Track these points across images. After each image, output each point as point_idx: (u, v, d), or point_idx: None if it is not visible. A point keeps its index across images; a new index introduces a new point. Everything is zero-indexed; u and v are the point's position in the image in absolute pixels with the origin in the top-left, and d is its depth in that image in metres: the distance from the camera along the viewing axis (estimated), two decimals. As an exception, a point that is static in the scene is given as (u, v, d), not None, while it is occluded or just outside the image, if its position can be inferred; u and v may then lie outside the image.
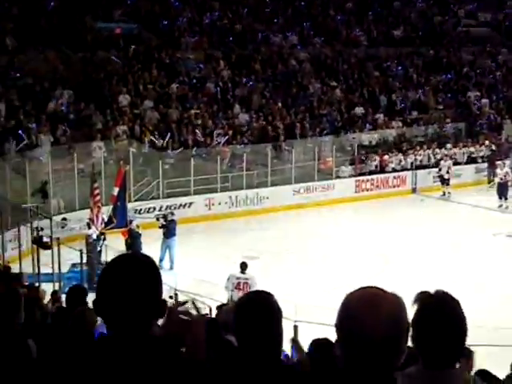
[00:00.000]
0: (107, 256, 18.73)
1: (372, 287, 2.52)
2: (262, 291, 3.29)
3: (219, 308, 8.93)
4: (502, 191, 28.39)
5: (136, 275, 2.62)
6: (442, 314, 2.86)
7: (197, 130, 28.70)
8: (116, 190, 20.40)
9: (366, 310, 2.40)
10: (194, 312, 3.07)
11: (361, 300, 2.45)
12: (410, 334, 2.66)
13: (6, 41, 28.95)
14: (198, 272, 19.80)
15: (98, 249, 19.72)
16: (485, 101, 36.31)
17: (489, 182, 31.05)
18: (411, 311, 2.83)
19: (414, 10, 41.02)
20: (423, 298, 2.94)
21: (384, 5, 39.99)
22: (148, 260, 2.72)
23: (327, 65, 35.21)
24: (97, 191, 20.25)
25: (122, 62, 30.68)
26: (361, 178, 30.16)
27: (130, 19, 32.71)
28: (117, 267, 2.65)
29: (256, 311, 3.09)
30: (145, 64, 30.89)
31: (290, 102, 32.11)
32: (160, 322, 2.85)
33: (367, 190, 30.11)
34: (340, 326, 2.46)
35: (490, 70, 39.01)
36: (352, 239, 23.65)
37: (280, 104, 31.56)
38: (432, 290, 2.98)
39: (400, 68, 36.88)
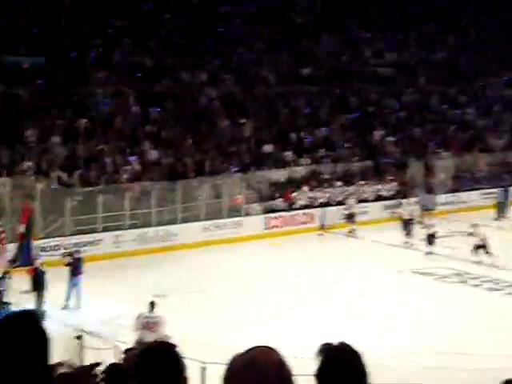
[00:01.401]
0: (12, 294, 18.33)
1: (258, 351, 2.51)
2: (164, 342, 3.27)
3: (126, 352, 8.79)
4: (407, 228, 28.97)
5: (15, 340, 2.43)
6: (344, 368, 2.88)
7: (107, 163, 28.47)
8: (22, 228, 20.01)
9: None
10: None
11: (242, 371, 2.45)
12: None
13: None
14: (105, 311, 19.53)
15: (1, 288, 19.24)
16: (390, 139, 37.18)
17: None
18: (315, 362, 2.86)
19: (322, 49, 41.73)
20: (326, 351, 2.96)
21: (293, 43, 40.59)
22: (33, 321, 2.52)
23: (237, 102, 35.47)
24: (0, 229, 19.81)
25: (30, 96, 30.24)
26: (270, 215, 30.35)
27: (36, 53, 32.22)
28: None
29: (157, 363, 3.06)
30: (53, 98, 30.49)
31: (199, 139, 32.18)
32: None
33: (276, 227, 30.31)
34: None
35: (394, 109, 40.00)
36: (261, 277, 23.70)
37: (190, 141, 31.59)
38: (335, 342, 2.99)
39: (308, 106, 37.43)
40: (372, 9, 45.73)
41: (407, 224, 29.04)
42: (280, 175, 32.38)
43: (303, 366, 3.64)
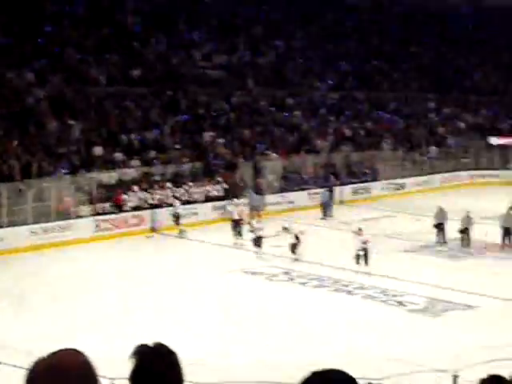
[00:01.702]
0: None
1: (62, 353, 2.59)
2: None
3: None
4: (236, 229, 29.44)
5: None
6: (160, 369, 2.95)
7: None
8: None
9: None
10: None
11: (44, 374, 2.52)
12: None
13: None
14: None
15: None
16: (220, 141, 37.68)
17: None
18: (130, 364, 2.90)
19: (152, 51, 41.72)
20: (141, 352, 3.01)
21: (122, 45, 40.31)
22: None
23: (66, 103, 34.81)
24: None
25: None
26: (100, 217, 30.03)
27: None
28: None
29: None
30: None
31: (26, 140, 31.38)
32: None
33: (107, 230, 30.02)
34: None
35: (224, 111, 40.56)
36: (90, 281, 23.41)
37: (16, 142, 30.74)
38: (151, 343, 3.04)
39: (138, 108, 37.29)
40: (201, 11, 46.18)
41: (237, 224, 29.54)
42: (110, 177, 32.11)
43: (119, 368, 3.70)
